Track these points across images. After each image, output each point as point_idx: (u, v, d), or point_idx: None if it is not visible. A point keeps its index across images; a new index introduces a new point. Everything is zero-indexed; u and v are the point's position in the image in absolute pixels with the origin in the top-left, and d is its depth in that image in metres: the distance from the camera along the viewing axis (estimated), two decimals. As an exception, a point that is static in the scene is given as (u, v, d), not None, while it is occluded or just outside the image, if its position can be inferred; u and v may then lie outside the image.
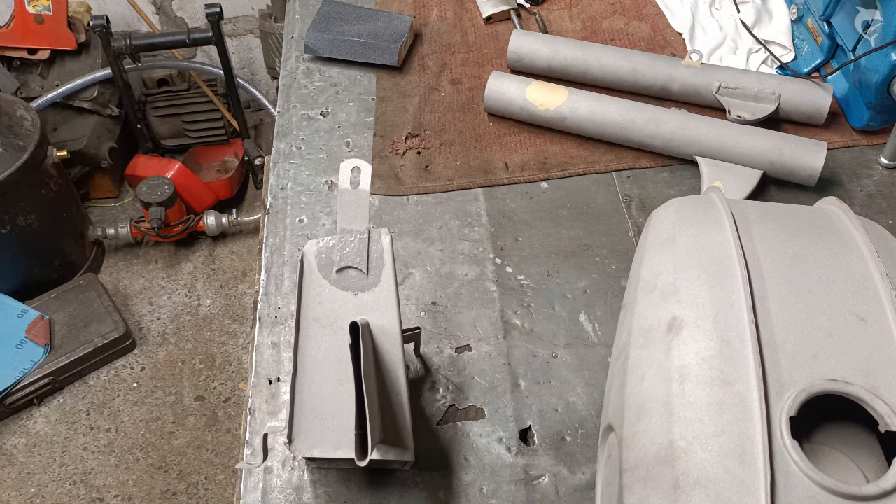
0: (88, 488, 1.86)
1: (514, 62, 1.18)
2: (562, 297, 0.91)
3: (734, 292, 0.56)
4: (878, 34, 1.00)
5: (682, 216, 0.66)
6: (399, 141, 1.10)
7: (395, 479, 0.76)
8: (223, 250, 2.40)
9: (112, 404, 2.02)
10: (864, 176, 1.04)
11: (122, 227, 2.28)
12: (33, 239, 2.06)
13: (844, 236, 0.61)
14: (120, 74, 2.19)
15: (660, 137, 1.03)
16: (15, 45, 2.25)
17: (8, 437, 1.95)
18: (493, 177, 1.04)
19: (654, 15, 1.30)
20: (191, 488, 1.87)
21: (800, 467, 0.47)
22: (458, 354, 0.85)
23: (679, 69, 1.11)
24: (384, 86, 1.18)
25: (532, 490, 0.75)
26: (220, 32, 2.14)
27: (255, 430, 0.79)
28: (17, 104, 2.05)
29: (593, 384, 0.83)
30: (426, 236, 0.98)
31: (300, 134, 1.11)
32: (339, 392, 0.69)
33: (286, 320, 0.88)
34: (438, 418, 0.80)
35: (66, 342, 2.01)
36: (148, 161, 2.38)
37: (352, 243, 0.70)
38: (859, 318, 0.54)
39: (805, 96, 1.07)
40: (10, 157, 1.91)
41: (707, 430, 0.50)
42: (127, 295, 2.27)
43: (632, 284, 0.67)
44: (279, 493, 0.75)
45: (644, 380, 0.56)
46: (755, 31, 1.22)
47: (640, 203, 1.01)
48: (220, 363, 2.12)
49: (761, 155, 0.99)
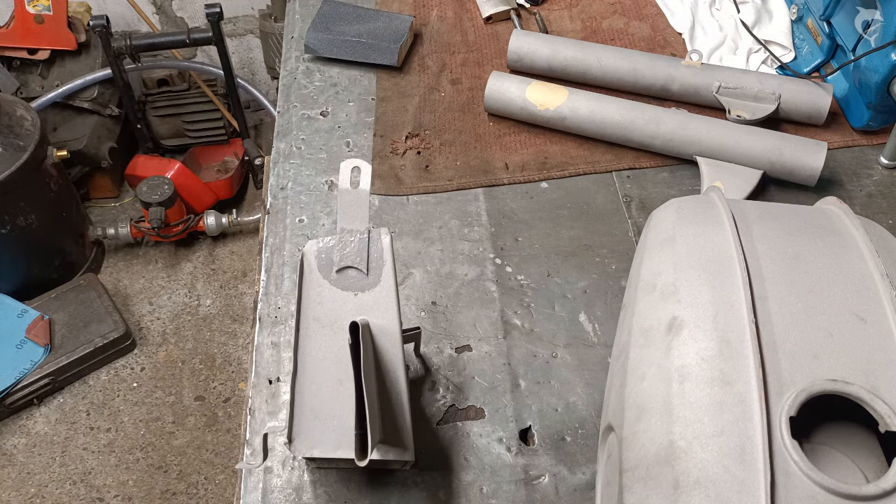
0: (88, 488, 1.86)
1: (514, 62, 1.18)
2: (562, 297, 0.91)
3: (734, 292, 0.56)
4: (878, 34, 1.00)
5: (682, 216, 0.66)
6: (399, 141, 1.10)
7: (395, 479, 0.76)
8: (223, 250, 2.40)
9: (112, 404, 2.02)
10: (864, 176, 1.04)
11: (122, 227, 2.28)
12: (33, 239, 2.06)
13: (844, 236, 0.61)
14: (120, 74, 2.19)
15: (660, 137, 1.03)
16: (15, 45, 2.25)
17: (8, 437, 1.95)
18: (493, 177, 1.04)
19: (654, 15, 1.30)
20: (191, 488, 1.87)
21: (800, 467, 0.47)
22: (458, 354, 0.85)
23: (679, 69, 1.11)
24: (384, 86, 1.18)
25: (532, 490, 0.75)
26: (220, 32, 2.14)
27: (255, 430, 0.79)
28: (17, 104, 2.04)
29: (593, 384, 0.83)
30: (426, 236, 0.98)
31: (300, 134, 1.11)
32: (339, 392, 0.69)
33: (286, 320, 0.88)
34: (438, 418, 0.80)
35: (66, 342, 2.01)
36: (148, 161, 2.38)
37: (352, 243, 0.70)
38: (859, 318, 0.54)
39: (805, 96, 1.07)
40: (10, 157, 1.91)
41: (707, 430, 0.50)
42: (127, 295, 2.27)
43: (632, 284, 0.67)
44: (279, 493, 0.75)
45: (644, 380, 0.56)
46: (755, 31, 1.22)
47: (640, 203, 1.01)
48: (220, 363, 2.12)
49: (761, 155, 0.99)
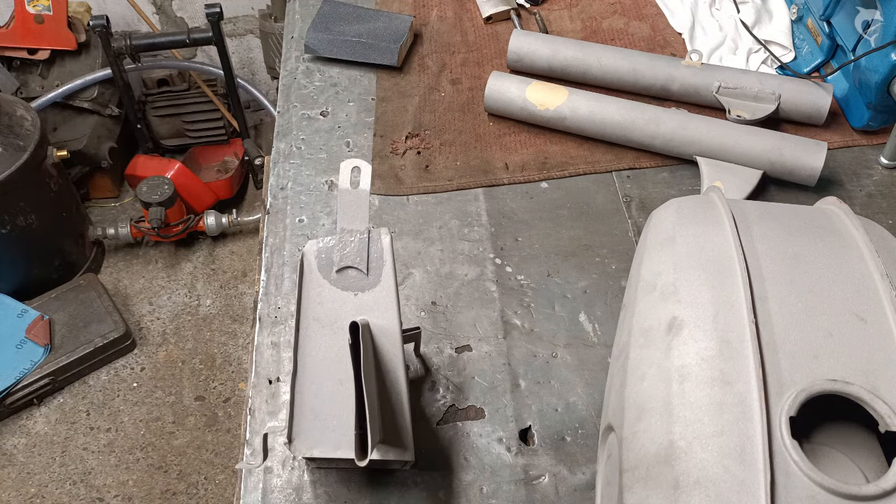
0: (88, 488, 1.86)
1: (514, 62, 1.18)
2: (562, 297, 0.91)
3: (734, 292, 0.56)
4: (878, 34, 1.00)
5: (682, 216, 0.66)
6: (399, 141, 1.10)
7: (395, 479, 0.76)
8: (223, 250, 2.40)
9: (112, 404, 2.02)
10: (864, 176, 1.04)
11: (122, 227, 2.28)
12: (33, 239, 2.06)
13: (844, 236, 0.61)
14: (120, 74, 2.19)
15: (660, 137, 1.03)
16: (15, 45, 2.25)
17: (8, 437, 1.95)
18: (493, 177, 1.04)
19: (654, 15, 1.30)
20: (191, 488, 1.87)
21: (800, 467, 0.47)
22: (458, 354, 0.85)
23: (679, 69, 1.11)
24: (384, 86, 1.18)
25: (532, 490, 0.75)
26: (220, 32, 2.14)
27: (255, 430, 0.79)
28: (17, 104, 2.04)
29: (593, 384, 0.83)
30: (426, 236, 0.98)
31: (300, 134, 1.11)
32: (339, 392, 0.69)
33: (286, 320, 0.88)
34: (438, 418, 0.80)
35: (66, 342, 2.01)
36: (148, 161, 2.38)
37: (352, 243, 0.70)
38: (859, 318, 0.54)
39: (805, 96, 1.07)
40: (10, 157, 1.91)
41: (707, 430, 0.50)
42: (127, 295, 2.27)
43: (632, 284, 0.67)
44: (279, 493, 0.75)
45: (644, 380, 0.56)
46: (755, 31, 1.22)
47: (640, 203, 1.01)
48: (220, 363, 2.12)
49: (761, 155, 0.99)
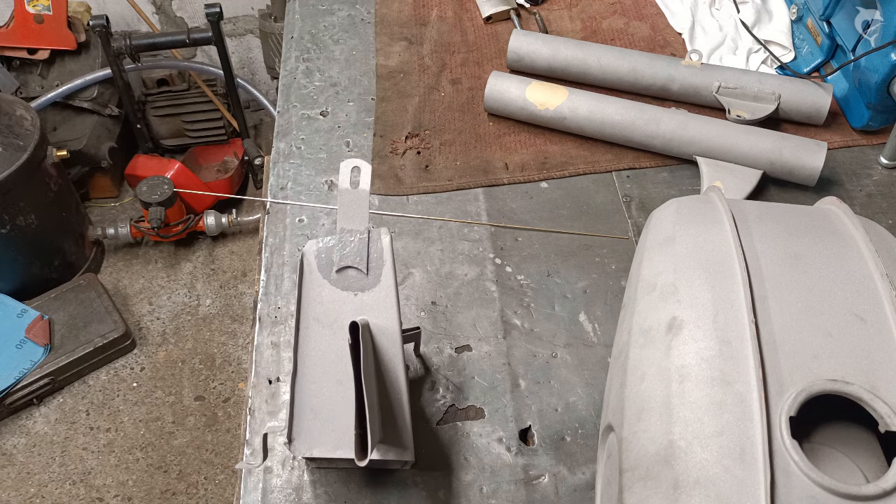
0: (88, 488, 1.86)
1: (514, 62, 1.18)
2: (562, 297, 0.91)
3: (734, 292, 0.56)
4: (878, 34, 1.00)
5: (682, 216, 0.66)
6: (399, 141, 1.10)
7: (395, 479, 0.76)
8: (223, 250, 2.40)
9: (112, 404, 2.02)
10: (864, 176, 1.04)
11: (122, 227, 2.28)
12: (33, 239, 2.06)
13: (844, 236, 0.61)
14: (120, 74, 2.19)
15: (660, 137, 1.03)
16: (15, 45, 2.25)
17: (8, 437, 1.95)
18: (493, 177, 1.04)
19: (654, 15, 1.30)
20: (191, 488, 1.87)
21: (800, 467, 0.47)
22: (458, 354, 0.85)
23: (679, 69, 1.11)
24: (384, 86, 1.18)
25: (532, 490, 0.75)
26: (220, 32, 2.14)
27: (255, 430, 0.79)
28: (16, 104, 2.04)
29: (593, 384, 0.83)
30: (426, 236, 0.98)
31: (300, 134, 1.11)
32: (339, 392, 0.69)
33: (286, 320, 0.88)
34: (438, 418, 0.80)
35: (65, 342, 2.01)
36: (148, 161, 2.38)
37: (352, 243, 0.70)
38: (859, 318, 0.54)
39: (805, 96, 1.07)
40: (10, 157, 1.91)
41: (707, 430, 0.50)
42: (127, 295, 2.27)
43: (632, 284, 0.67)
44: (279, 493, 0.75)
45: (644, 380, 0.56)
46: (755, 31, 1.22)
47: (640, 203, 1.01)
48: (220, 363, 2.12)
49: (761, 155, 0.99)
